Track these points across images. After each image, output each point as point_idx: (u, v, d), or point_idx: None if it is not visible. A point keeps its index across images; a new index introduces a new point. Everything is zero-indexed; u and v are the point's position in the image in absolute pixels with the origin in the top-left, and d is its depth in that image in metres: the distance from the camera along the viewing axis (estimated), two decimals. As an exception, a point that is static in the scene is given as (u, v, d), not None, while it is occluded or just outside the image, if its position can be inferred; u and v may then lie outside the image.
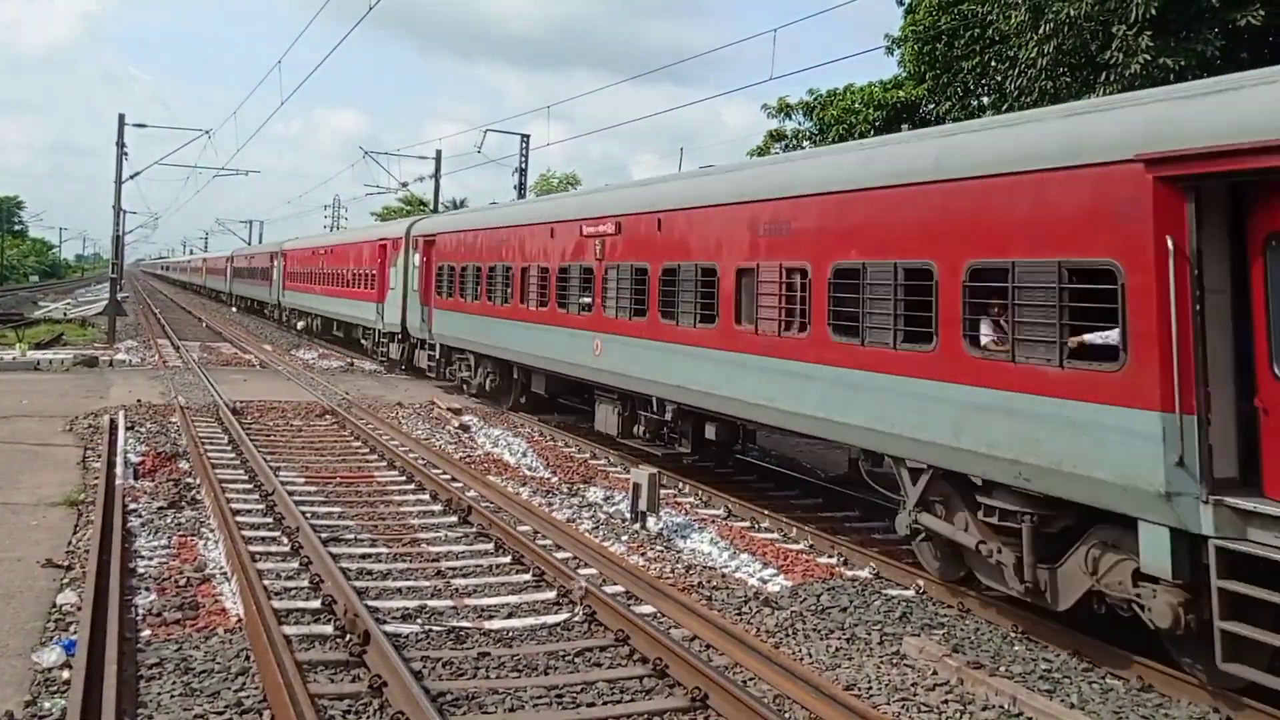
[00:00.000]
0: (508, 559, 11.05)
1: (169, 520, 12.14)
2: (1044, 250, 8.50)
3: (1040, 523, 8.79)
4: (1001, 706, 7.58)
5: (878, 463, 11.03)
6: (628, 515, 12.96)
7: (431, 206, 47.53)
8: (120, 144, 38.70)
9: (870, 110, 28.68)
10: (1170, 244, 7.41)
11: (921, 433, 9.76)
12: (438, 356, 26.05)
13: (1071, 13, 20.12)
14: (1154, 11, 19.22)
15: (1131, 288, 7.76)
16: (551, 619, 9.21)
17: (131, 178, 41.15)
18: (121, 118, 38.98)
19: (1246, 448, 7.40)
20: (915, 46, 27.12)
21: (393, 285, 29.49)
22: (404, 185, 49.14)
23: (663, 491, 13.30)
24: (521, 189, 41.31)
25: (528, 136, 40.86)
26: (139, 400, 21.26)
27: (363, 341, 34.27)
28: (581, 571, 10.42)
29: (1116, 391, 7.83)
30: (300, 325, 44.55)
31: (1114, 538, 8.19)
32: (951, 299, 9.46)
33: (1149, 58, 19.01)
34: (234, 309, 66.77)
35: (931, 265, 9.70)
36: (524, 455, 17.73)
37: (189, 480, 14.26)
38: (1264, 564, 6.91)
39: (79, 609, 8.64)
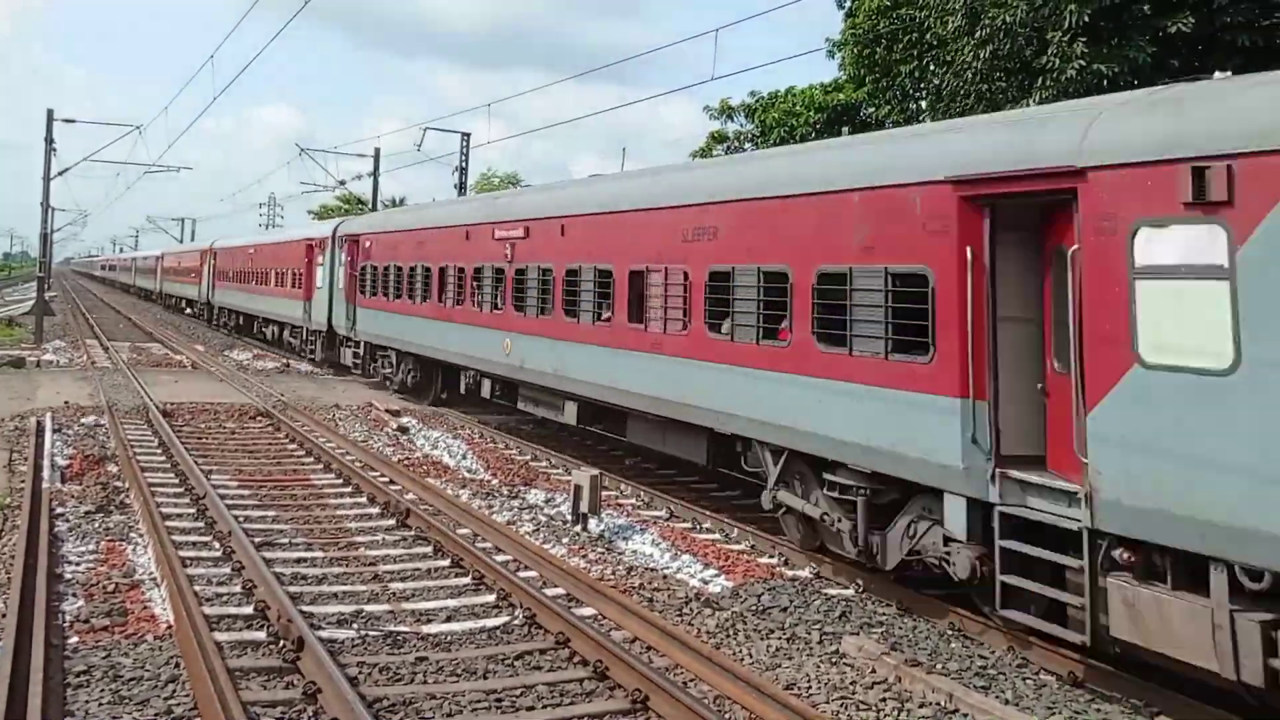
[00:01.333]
0: (447, 562, 10.93)
1: (97, 525, 11.83)
2: (875, 257, 9.80)
3: (872, 495, 10.06)
4: (938, 703, 7.64)
5: (748, 446, 12.14)
6: (569, 517, 12.89)
7: (370, 205, 46.96)
8: (49, 140, 37.74)
9: (811, 112, 28.95)
10: (969, 254, 8.66)
11: (780, 418, 11.05)
12: (362, 354, 26.67)
13: (1006, 19, 20.45)
14: (1086, 18, 19.60)
15: (939, 291, 8.99)
16: (491, 622, 9.12)
17: (60, 174, 40.18)
18: (50, 113, 38.04)
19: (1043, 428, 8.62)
20: (855, 50, 27.40)
21: (320, 284, 29.94)
22: (341, 183, 48.49)
23: (604, 493, 13.25)
24: (462, 188, 41.00)
25: (468, 135, 40.56)
26: (67, 402, 20.71)
27: (290, 340, 34.44)
28: (522, 574, 10.34)
29: (927, 381, 9.11)
30: (231, 324, 44.50)
31: (928, 506, 9.42)
32: (804, 299, 10.73)
33: (1083, 64, 19.38)
34: (164, 308, 66.07)
35: (788, 269, 11.00)
36: (464, 457, 17.57)
37: (118, 484, 13.92)
38: (1048, 526, 8.07)
39: (3, 615, 8.37)
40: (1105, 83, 18.49)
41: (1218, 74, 8.03)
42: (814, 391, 10.45)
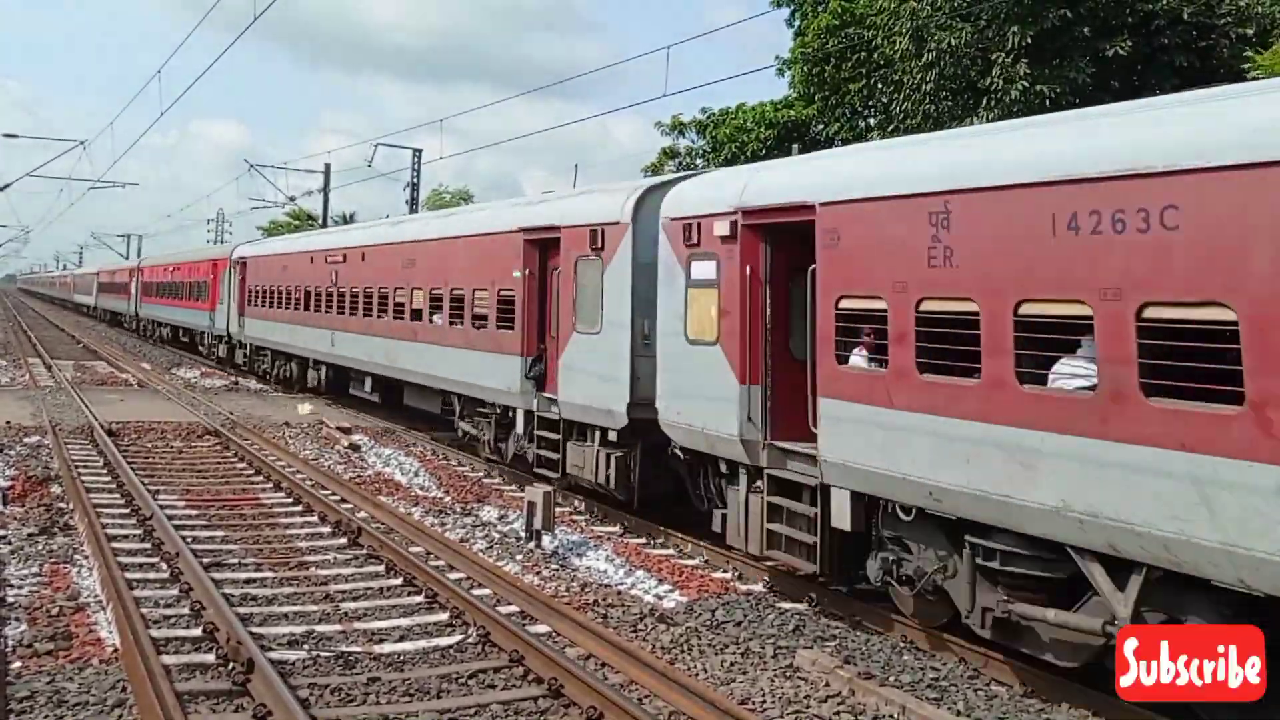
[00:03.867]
0: (399, 581, 10.83)
1: (40, 547, 11.59)
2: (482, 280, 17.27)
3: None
4: (891, 716, 7.70)
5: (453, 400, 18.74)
6: (522, 534, 12.84)
7: (320, 221, 46.56)
8: (-11, 156, 37.00)
9: (762, 129, 29.18)
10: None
11: (447, 374, 18.32)
12: (249, 354, 32.51)
13: (952, 41, 20.84)
14: (1029, 40, 20.02)
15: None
16: (444, 641, 9.05)
17: (2, 189, 39.38)
18: (-11, 128, 37.38)
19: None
20: (804, 68, 27.74)
21: (222, 298, 35.52)
22: (291, 199, 48.05)
23: (557, 509, 13.23)
24: (414, 204, 40.81)
25: (419, 151, 40.45)
26: (8, 422, 20.26)
27: (200, 347, 39.83)
28: (475, 592, 10.29)
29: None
30: (156, 335, 49.75)
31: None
32: (483, 304, 16.94)
33: (1026, 85, 19.78)
34: (101, 322, 68.90)
35: (464, 289, 17.62)
36: (416, 475, 17.45)
37: (62, 505, 13.64)
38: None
39: (-60, 643, 8.17)
40: (1048, 104, 18.89)
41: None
42: (449, 356, 18.00)
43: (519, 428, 15.68)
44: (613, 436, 13.31)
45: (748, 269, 10.58)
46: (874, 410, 8.88)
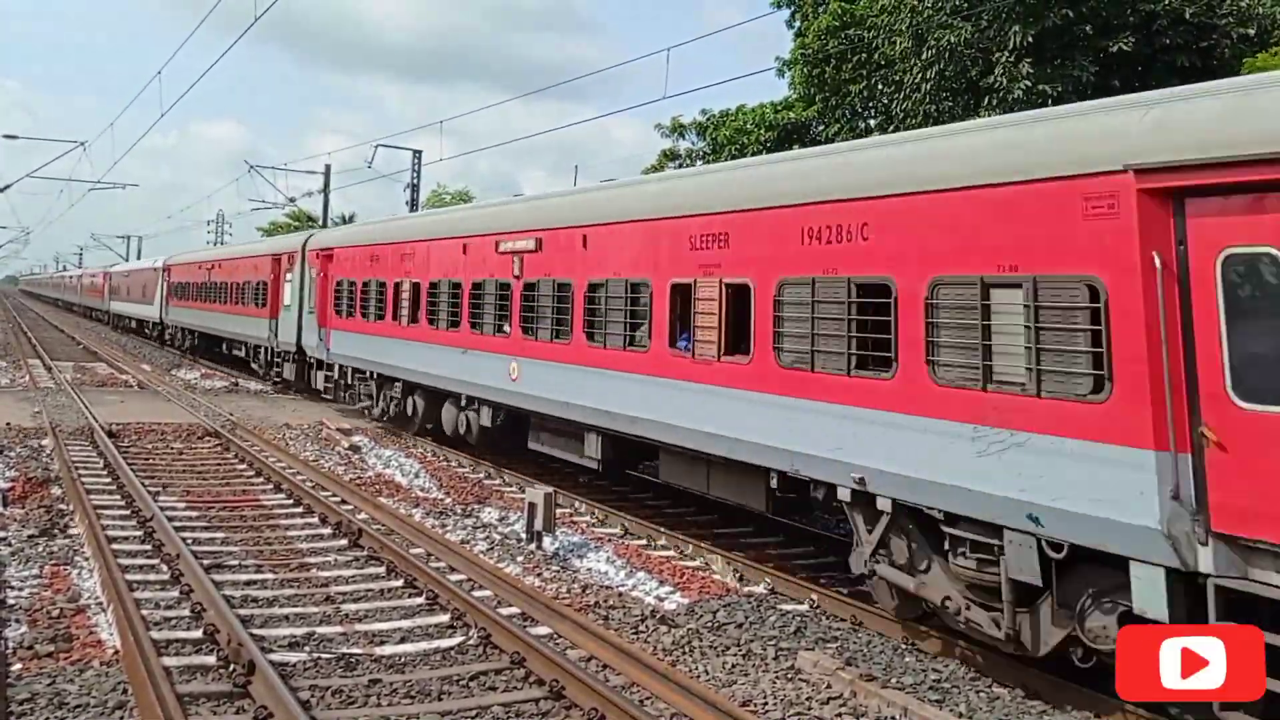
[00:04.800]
0: (400, 583, 10.82)
1: (40, 549, 11.58)
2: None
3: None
4: (893, 717, 7.70)
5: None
6: (523, 535, 12.84)
7: (320, 222, 46.57)
8: (-12, 156, 37.01)
9: (762, 130, 29.16)
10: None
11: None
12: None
13: (952, 40, 20.82)
14: (1030, 39, 20.01)
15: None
16: (445, 643, 9.05)
17: (2, 190, 39.39)
18: (-11, 128, 37.32)
19: None
20: (804, 69, 27.70)
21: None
22: (291, 200, 48.03)
23: (558, 511, 13.22)
24: (414, 204, 40.82)
25: (420, 152, 40.44)
26: (8, 423, 20.26)
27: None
28: (476, 594, 10.28)
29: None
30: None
31: None
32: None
33: (1029, 84, 19.76)
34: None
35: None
36: (416, 476, 17.44)
37: (62, 507, 13.63)
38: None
39: (-60, 645, 8.17)
40: (1050, 102, 18.88)
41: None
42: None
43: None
44: None
45: None
46: None
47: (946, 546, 8.61)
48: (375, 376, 22.08)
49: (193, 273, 42.46)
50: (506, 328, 16.26)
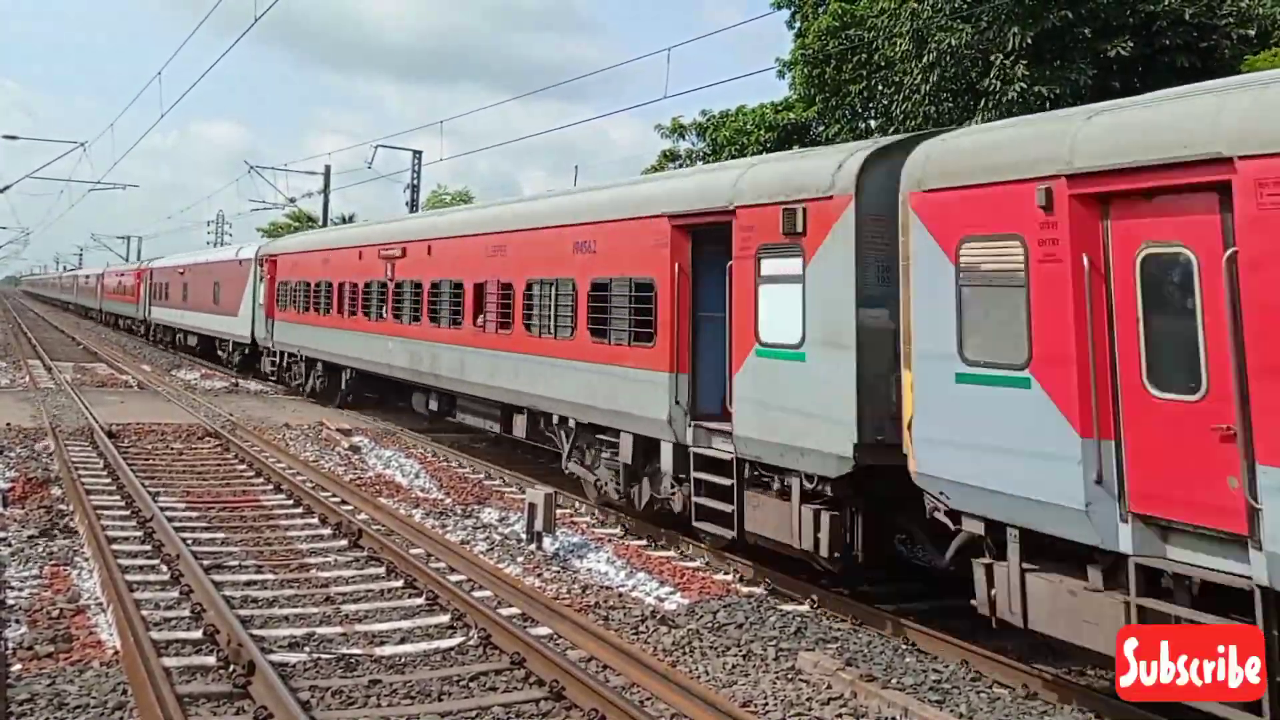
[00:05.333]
0: (400, 583, 10.83)
1: (40, 549, 11.58)
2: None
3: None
4: (893, 718, 7.70)
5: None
6: (523, 536, 12.84)
7: (320, 222, 46.58)
8: (-12, 157, 37.07)
9: (762, 131, 29.14)
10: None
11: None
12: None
13: (952, 42, 20.81)
14: (1028, 41, 20.00)
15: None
16: (445, 643, 9.05)
17: (1, 191, 39.41)
18: (-11, 129, 37.34)
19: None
20: (805, 70, 27.67)
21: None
22: (291, 201, 48.03)
23: (559, 511, 13.22)
24: (414, 205, 40.83)
25: (420, 153, 40.46)
26: (8, 424, 20.26)
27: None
28: (476, 594, 10.28)
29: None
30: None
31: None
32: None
33: (1025, 86, 19.76)
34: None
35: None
36: (416, 476, 17.44)
37: (62, 507, 13.64)
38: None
39: (-60, 645, 8.17)
40: (1047, 105, 18.88)
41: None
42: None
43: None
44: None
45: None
46: None
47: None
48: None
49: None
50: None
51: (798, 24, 29.48)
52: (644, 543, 13.14)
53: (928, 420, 8.63)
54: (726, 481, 11.16)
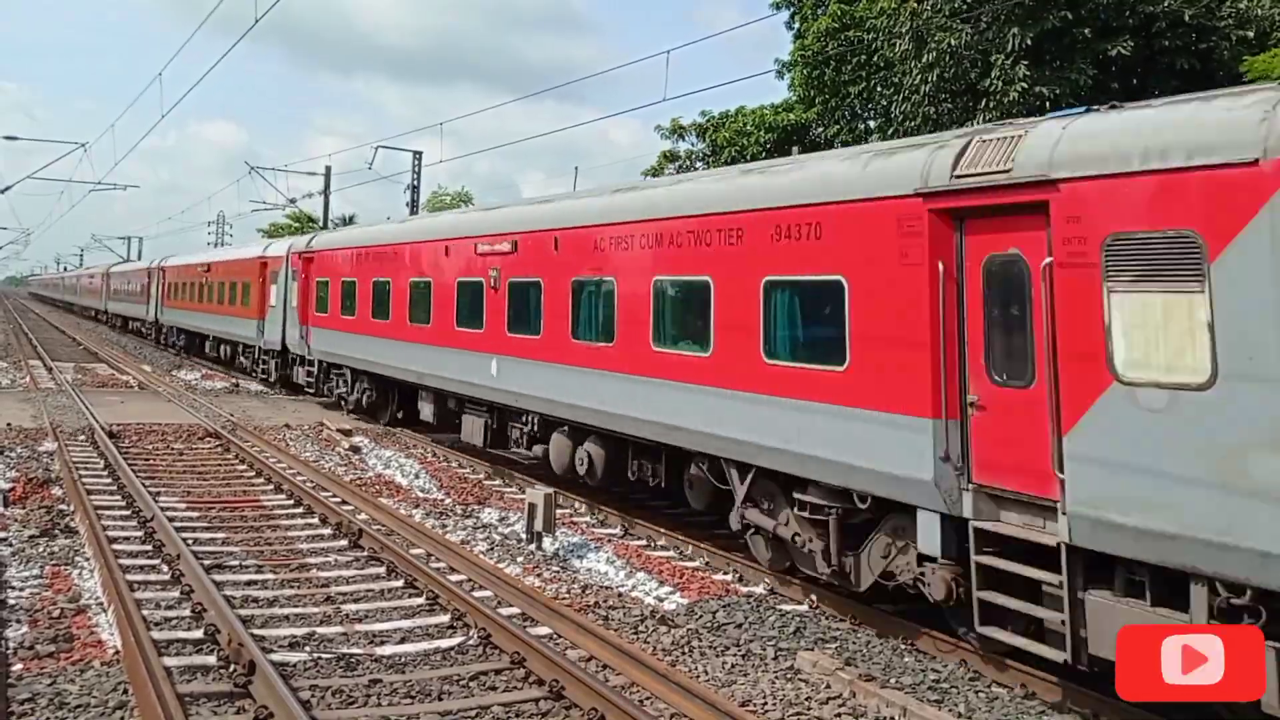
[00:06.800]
0: (400, 583, 10.84)
1: (41, 549, 11.60)
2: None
3: None
4: (892, 718, 7.71)
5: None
6: (523, 536, 12.85)
7: (321, 223, 46.60)
8: (-11, 158, 37.09)
9: (761, 132, 29.16)
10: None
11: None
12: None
13: (952, 42, 20.83)
14: (1029, 42, 20.01)
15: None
16: (445, 643, 9.06)
17: (2, 192, 39.44)
18: (-11, 130, 37.31)
19: None
20: (804, 71, 27.72)
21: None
22: (292, 201, 48.04)
23: (558, 511, 13.24)
24: (414, 205, 40.85)
25: (420, 154, 40.47)
26: (9, 424, 20.28)
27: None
28: (476, 594, 10.30)
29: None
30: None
31: None
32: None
33: (1025, 86, 19.77)
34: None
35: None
36: (416, 477, 17.45)
37: (63, 507, 13.65)
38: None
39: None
40: (1047, 105, 18.90)
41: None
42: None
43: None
44: None
45: None
46: None
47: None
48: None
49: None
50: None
51: (797, 25, 29.52)
52: (643, 543, 13.16)
53: None
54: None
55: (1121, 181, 7.22)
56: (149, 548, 11.72)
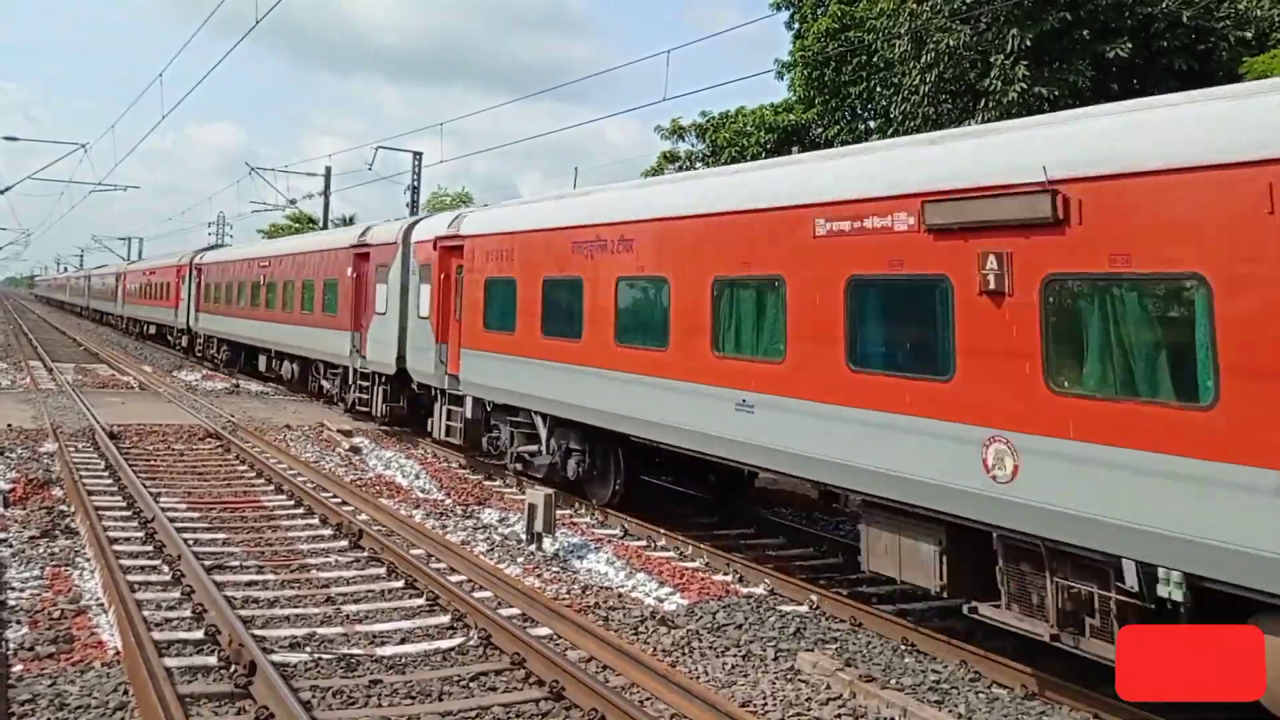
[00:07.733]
0: (400, 583, 10.85)
1: (42, 550, 11.61)
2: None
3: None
4: (892, 718, 7.72)
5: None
6: (523, 537, 12.86)
7: (321, 223, 46.61)
8: (-11, 158, 37.06)
9: (762, 133, 29.16)
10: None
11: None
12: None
13: (951, 43, 20.83)
14: (1028, 42, 20.02)
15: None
16: (446, 643, 9.07)
17: (2, 193, 39.43)
18: (-11, 131, 37.15)
19: None
20: (804, 71, 27.71)
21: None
22: (292, 202, 48.04)
23: (558, 512, 13.24)
24: (414, 206, 40.85)
25: (420, 154, 40.46)
26: (9, 425, 20.29)
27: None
28: (476, 595, 10.30)
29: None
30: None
31: None
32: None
33: (1025, 86, 19.78)
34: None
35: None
36: (417, 477, 17.46)
37: (63, 508, 13.66)
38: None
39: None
40: (1046, 106, 18.90)
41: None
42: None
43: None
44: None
45: None
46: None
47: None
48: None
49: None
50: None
51: (796, 25, 29.52)
52: (643, 543, 13.16)
53: None
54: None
55: None
56: (150, 548, 11.72)
